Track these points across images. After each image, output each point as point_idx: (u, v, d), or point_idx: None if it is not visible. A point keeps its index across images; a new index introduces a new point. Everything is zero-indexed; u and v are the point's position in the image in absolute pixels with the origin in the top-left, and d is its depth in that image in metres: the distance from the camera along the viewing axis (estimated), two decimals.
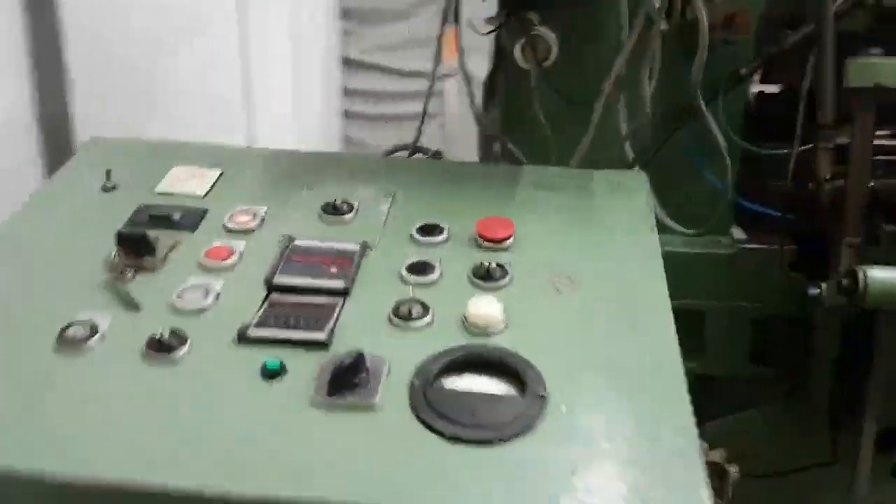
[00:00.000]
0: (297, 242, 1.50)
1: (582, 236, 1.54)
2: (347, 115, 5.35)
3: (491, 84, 2.40)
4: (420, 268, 1.43)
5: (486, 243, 1.50)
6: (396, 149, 2.69)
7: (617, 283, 1.41)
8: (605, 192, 1.67)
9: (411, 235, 1.53)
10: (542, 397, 1.17)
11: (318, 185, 1.67)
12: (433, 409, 1.15)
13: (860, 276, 1.58)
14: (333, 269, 1.42)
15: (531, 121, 2.29)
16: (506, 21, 2.25)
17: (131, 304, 1.35)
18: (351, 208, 1.58)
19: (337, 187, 1.67)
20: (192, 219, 1.57)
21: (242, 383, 1.21)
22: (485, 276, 1.41)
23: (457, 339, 1.29)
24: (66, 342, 1.26)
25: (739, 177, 2.28)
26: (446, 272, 1.43)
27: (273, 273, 1.42)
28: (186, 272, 1.43)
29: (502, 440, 1.10)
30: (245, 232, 1.54)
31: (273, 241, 1.52)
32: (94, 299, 1.37)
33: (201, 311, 1.34)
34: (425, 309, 1.32)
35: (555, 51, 2.18)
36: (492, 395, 1.18)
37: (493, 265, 1.41)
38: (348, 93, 5.33)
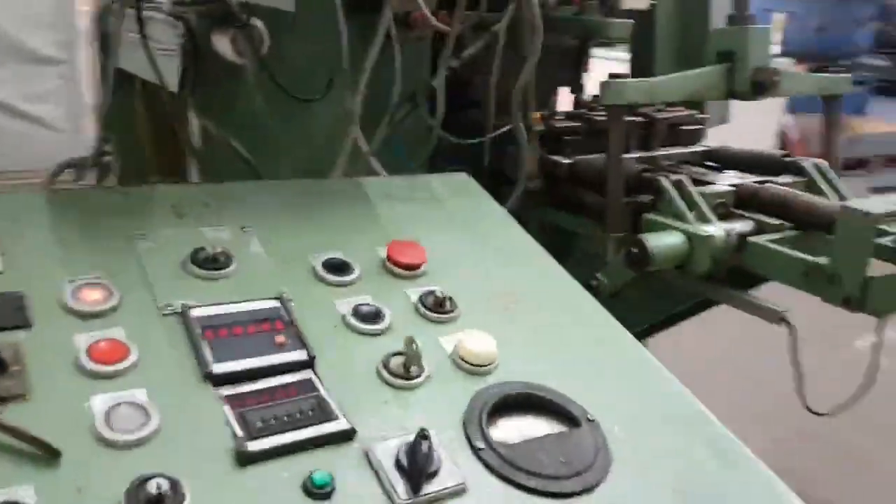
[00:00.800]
0: (196, 313, 1.15)
1: (475, 248, 1.48)
2: None
3: (184, 78, 2.05)
4: (371, 315, 1.23)
5: (402, 271, 1.35)
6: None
7: (544, 289, 1.41)
8: (455, 199, 1.61)
9: (318, 275, 1.29)
10: (594, 422, 1.14)
11: (149, 231, 1.29)
12: (521, 469, 1.04)
13: (646, 245, 1.80)
14: (280, 339, 1.14)
15: (243, 115, 2.06)
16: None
17: (48, 451, 0.91)
18: (228, 258, 1.26)
19: (174, 230, 1.31)
20: (12, 309, 1.09)
21: None
22: (437, 309, 1.27)
23: (464, 384, 1.16)
24: None
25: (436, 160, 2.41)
26: (391, 311, 1.25)
27: (205, 361, 1.08)
28: (78, 388, 1.01)
29: (603, 480, 1.06)
30: (105, 313, 1.12)
31: (155, 316, 1.14)
32: None
33: (150, 437, 0.97)
34: (418, 360, 1.16)
35: (266, 42, 1.99)
36: (556, 434, 1.11)
37: (443, 295, 1.28)
38: None
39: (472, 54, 2.27)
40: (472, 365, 1.18)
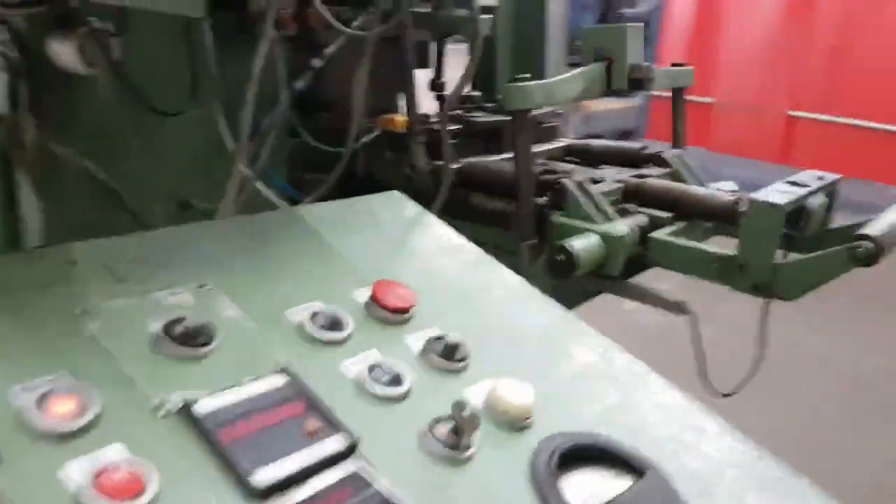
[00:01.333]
0: (201, 408, 0.92)
1: (445, 278, 1.35)
2: None
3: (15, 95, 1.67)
4: (392, 378, 1.06)
5: (392, 316, 1.18)
6: None
7: (531, 318, 1.32)
8: (401, 222, 1.46)
9: (308, 335, 1.10)
10: (653, 468, 1.07)
11: (90, 306, 1.01)
12: None
13: (572, 251, 1.76)
14: (310, 426, 0.95)
15: (95, 135, 1.75)
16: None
17: None
18: (208, 328, 1.03)
19: (122, 300, 1.04)
20: None
21: None
22: (452, 357, 1.14)
23: (512, 444, 1.05)
24: None
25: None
26: (401, 366, 1.10)
27: (239, 471, 0.87)
28: None
29: None
30: (89, 428, 0.86)
31: (149, 419, 0.90)
32: None
33: None
34: (475, 428, 1.01)
35: (117, 49, 1.69)
36: (631, 489, 1.03)
37: (453, 341, 1.15)
38: None
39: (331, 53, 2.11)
40: (514, 420, 1.07)
